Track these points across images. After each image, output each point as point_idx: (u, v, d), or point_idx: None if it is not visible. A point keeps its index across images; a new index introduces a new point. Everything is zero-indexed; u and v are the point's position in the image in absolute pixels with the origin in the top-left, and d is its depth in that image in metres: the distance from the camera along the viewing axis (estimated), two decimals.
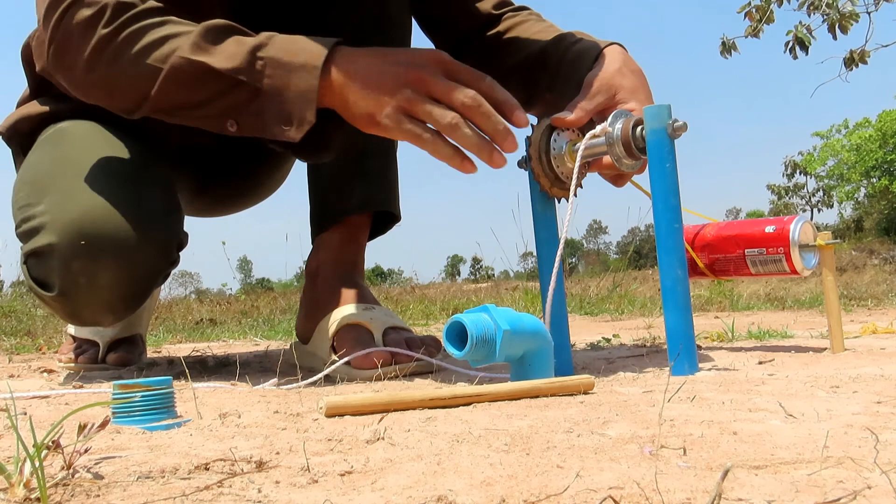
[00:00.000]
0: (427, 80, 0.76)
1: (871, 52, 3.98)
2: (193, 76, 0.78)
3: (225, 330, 2.28)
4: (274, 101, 0.78)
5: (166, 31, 0.80)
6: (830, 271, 0.91)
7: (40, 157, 1.00)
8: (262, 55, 0.78)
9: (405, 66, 0.77)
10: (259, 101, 0.78)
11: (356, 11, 1.01)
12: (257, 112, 0.79)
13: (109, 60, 0.81)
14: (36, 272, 0.89)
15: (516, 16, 1.09)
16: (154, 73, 0.79)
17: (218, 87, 0.79)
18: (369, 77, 0.77)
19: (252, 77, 0.77)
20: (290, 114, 0.78)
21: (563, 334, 0.86)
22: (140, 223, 0.87)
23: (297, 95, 0.77)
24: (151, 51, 0.79)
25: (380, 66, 0.77)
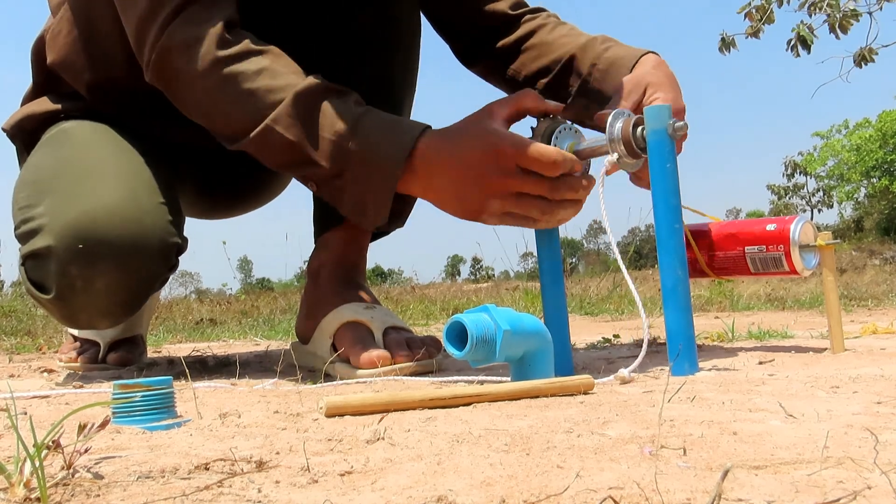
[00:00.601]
0: (510, 182, 0.79)
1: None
2: (282, 147, 0.82)
3: (225, 330, 2.28)
4: (353, 190, 0.82)
5: (264, 84, 0.82)
6: (830, 271, 0.91)
7: (42, 157, 1.00)
8: (346, 147, 0.80)
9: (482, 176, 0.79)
10: (341, 181, 0.82)
11: (365, 11, 1.01)
12: (339, 188, 0.83)
13: (207, 93, 0.84)
14: (34, 274, 0.89)
15: (536, 18, 1.08)
16: (248, 125, 0.83)
17: (304, 160, 0.83)
18: (455, 192, 0.81)
19: (335, 166, 0.81)
20: (364, 208, 0.83)
21: (564, 334, 0.86)
22: (139, 228, 0.87)
23: (373, 197, 0.82)
24: (246, 102, 0.82)
25: (461, 179, 0.80)
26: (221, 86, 0.83)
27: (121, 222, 0.86)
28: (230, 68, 0.82)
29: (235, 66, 0.82)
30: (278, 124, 0.81)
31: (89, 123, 1.03)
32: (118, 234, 0.85)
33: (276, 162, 0.86)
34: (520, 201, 0.80)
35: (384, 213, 0.82)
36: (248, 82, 0.82)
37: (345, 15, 1.02)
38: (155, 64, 0.86)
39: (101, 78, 1.02)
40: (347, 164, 0.81)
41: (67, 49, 1.02)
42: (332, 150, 0.80)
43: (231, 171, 1.21)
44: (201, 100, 0.86)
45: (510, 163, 0.78)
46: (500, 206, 0.80)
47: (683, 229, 0.81)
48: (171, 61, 0.85)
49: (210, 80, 0.83)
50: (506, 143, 0.78)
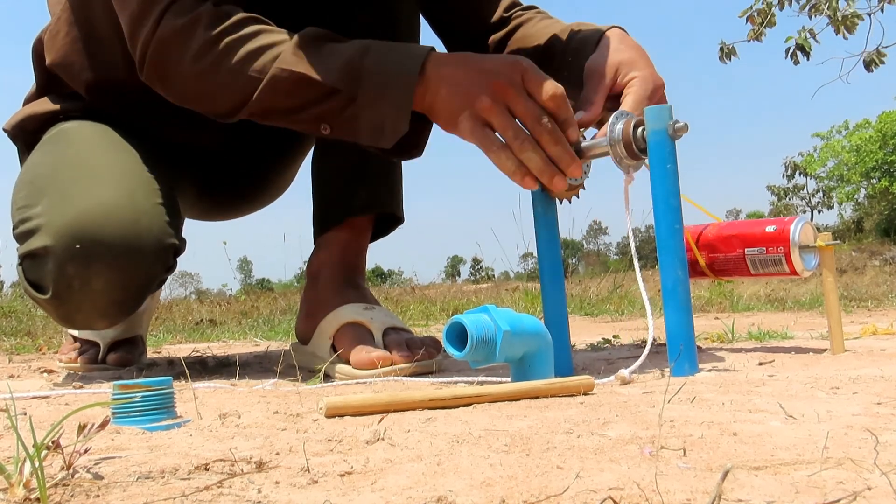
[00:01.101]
0: (507, 90, 0.78)
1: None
2: (292, 85, 0.82)
3: (225, 330, 2.28)
4: (369, 110, 0.81)
5: (264, 41, 0.83)
6: (830, 272, 0.91)
7: (41, 157, 1.00)
8: (359, 65, 0.80)
9: (487, 73, 0.79)
10: (354, 108, 0.81)
11: (366, 11, 1.01)
12: (352, 118, 0.82)
13: (208, 69, 0.84)
14: (31, 274, 0.89)
15: (523, 15, 1.10)
16: (254, 82, 0.83)
17: (315, 95, 0.81)
18: (456, 83, 0.80)
19: (348, 87, 0.80)
20: (383, 123, 0.81)
21: (564, 335, 0.86)
22: (137, 228, 0.87)
23: (391, 107, 0.80)
24: (251, 61, 0.82)
25: (465, 72, 0.80)
26: (222, 57, 0.83)
27: (118, 223, 0.86)
28: (227, 39, 0.83)
29: (232, 36, 0.83)
30: (286, 63, 0.81)
31: (89, 124, 1.03)
32: (115, 234, 0.85)
33: (287, 106, 0.84)
34: (503, 115, 0.79)
35: (404, 123, 0.80)
36: (249, 43, 0.83)
37: (345, 15, 1.02)
38: (150, 59, 0.87)
39: (100, 78, 1.03)
40: (361, 82, 0.80)
41: (66, 50, 1.03)
42: (345, 72, 0.80)
43: (232, 173, 1.21)
44: (201, 80, 0.85)
45: (518, 74, 0.79)
46: (487, 106, 0.78)
47: (683, 230, 0.81)
48: (168, 53, 0.85)
49: (210, 56, 0.83)
50: (523, 59, 0.80)
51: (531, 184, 0.80)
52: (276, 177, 1.27)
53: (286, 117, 0.86)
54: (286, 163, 1.26)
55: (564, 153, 0.79)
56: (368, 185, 1.06)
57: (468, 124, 0.80)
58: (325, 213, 1.09)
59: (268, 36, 0.83)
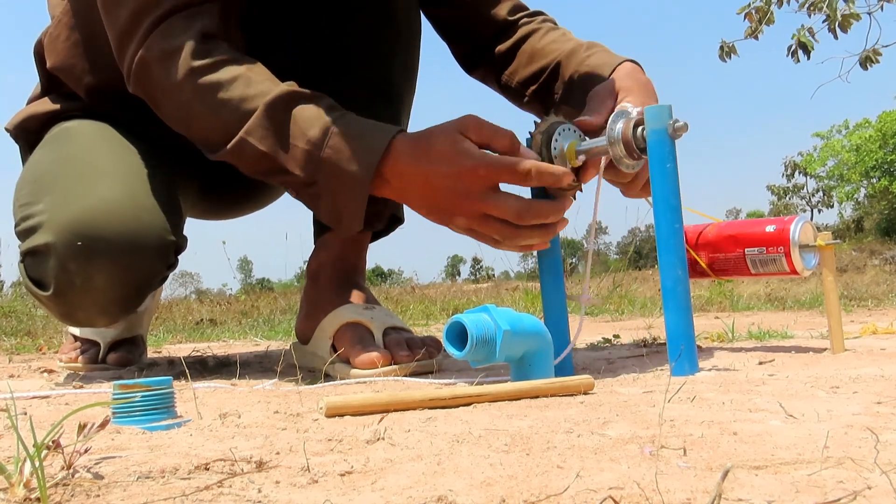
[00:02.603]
0: (475, 205, 0.79)
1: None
2: (257, 157, 0.83)
3: (225, 330, 2.28)
4: (326, 198, 0.82)
5: (238, 93, 0.83)
6: (830, 272, 0.91)
7: (43, 155, 1.00)
8: (318, 156, 0.80)
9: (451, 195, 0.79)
10: (316, 189, 0.82)
11: (364, 12, 1.01)
12: (315, 195, 0.83)
13: (185, 104, 0.85)
14: (32, 271, 0.89)
15: (531, 22, 1.08)
16: (224, 136, 0.83)
17: (278, 170, 0.83)
18: (423, 201, 0.81)
19: (308, 175, 0.81)
20: (339, 216, 0.83)
21: (564, 335, 0.86)
22: (138, 225, 0.87)
23: (346, 207, 0.81)
24: (222, 110, 0.83)
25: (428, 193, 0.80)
26: (197, 96, 0.83)
27: (119, 220, 0.86)
28: (204, 78, 0.83)
29: (210, 77, 0.83)
30: (251, 136, 0.82)
31: (91, 122, 1.03)
32: (116, 231, 0.86)
33: (254, 171, 0.86)
34: (484, 222, 0.79)
35: (358, 220, 0.82)
36: (221, 91, 0.83)
37: (344, 16, 1.02)
38: (135, 75, 0.87)
39: (100, 81, 1.03)
40: (319, 173, 0.81)
41: (66, 53, 1.03)
42: (304, 159, 0.80)
43: (233, 172, 1.20)
44: (180, 110, 0.86)
45: (480, 186, 0.78)
46: (465, 223, 0.80)
47: (683, 230, 0.81)
48: (150, 73, 0.85)
49: (186, 91, 0.83)
50: (478, 166, 0.77)
51: (543, 246, 0.84)
52: None
53: (256, 176, 0.87)
54: None
55: (555, 214, 0.80)
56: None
57: (458, 231, 0.82)
58: None
59: (243, 87, 0.83)
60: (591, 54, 0.99)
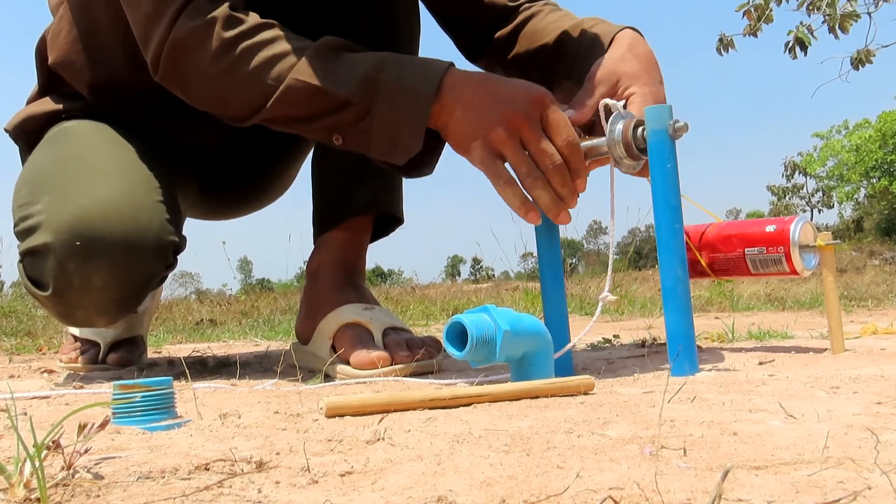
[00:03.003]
0: (522, 124, 0.78)
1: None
2: (307, 96, 0.81)
3: (225, 330, 2.28)
4: (383, 124, 0.80)
5: (280, 49, 0.82)
6: (830, 272, 0.91)
7: (42, 155, 1.00)
8: (375, 78, 0.79)
9: (506, 103, 0.78)
10: (367, 122, 0.81)
11: (364, 12, 1.01)
12: (365, 131, 0.81)
13: (223, 73, 0.83)
14: (31, 271, 0.89)
15: (532, 6, 1.08)
16: (269, 90, 0.82)
17: (329, 107, 0.81)
18: (472, 106, 0.79)
19: (364, 100, 0.80)
20: (397, 139, 0.80)
21: (564, 335, 0.86)
22: (136, 225, 0.87)
23: (406, 124, 0.79)
24: (267, 69, 0.82)
25: (483, 98, 0.79)
26: (238, 62, 0.82)
27: (118, 219, 0.86)
28: (244, 44, 0.82)
29: (248, 41, 0.82)
30: (302, 74, 0.80)
31: (90, 122, 1.03)
32: (115, 231, 0.86)
33: (301, 115, 0.83)
34: (517, 149, 0.78)
35: (418, 141, 0.79)
36: (266, 49, 0.82)
37: (344, 16, 1.02)
38: (165, 61, 0.86)
39: (101, 77, 1.03)
40: (377, 96, 0.79)
41: (68, 49, 1.03)
42: (360, 85, 0.79)
43: (233, 172, 1.21)
44: (216, 84, 0.85)
45: (537, 109, 0.78)
46: (500, 138, 0.78)
47: (683, 230, 0.81)
48: (183, 53, 0.84)
49: (225, 60, 0.83)
50: (545, 94, 0.79)
51: (535, 219, 0.81)
52: (277, 176, 1.27)
53: (299, 126, 0.85)
54: (287, 162, 1.26)
55: (571, 196, 0.80)
56: (368, 185, 1.06)
57: (479, 153, 0.79)
58: (325, 212, 1.09)
59: (284, 43, 0.83)
60: (591, 26, 0.98)
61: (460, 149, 0.81)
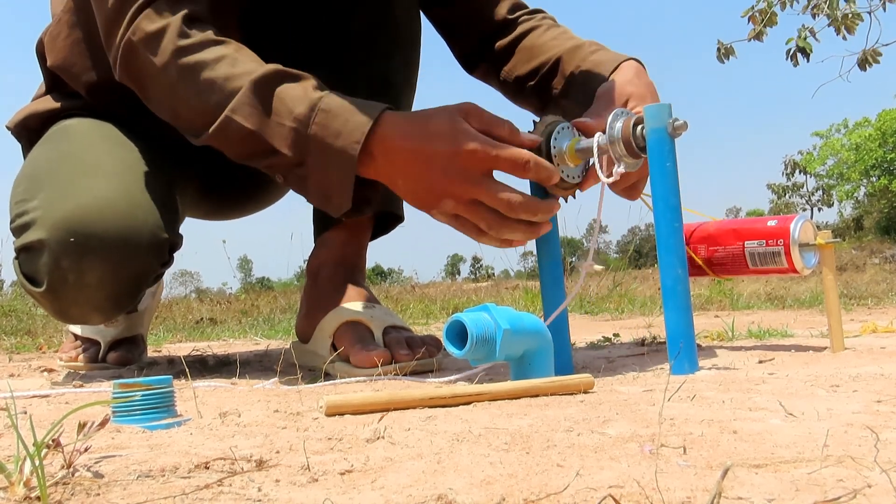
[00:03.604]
0: (469, 189, 0.77)
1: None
2: (243, 137, 0.81)
3: (225, 329, 2.28)
4: (315, 177, 0.80)
5: (222, 72, 0.81)
6: (830, 270, 0.91)
7: (40, 153, 1.00)
8: (304, 134, 0.79)
9: (442, 174, 0.77)
10: (304, 169, 0.81)
11: (362, 13, 1.01)
12: (302, 177, 0.82)
13: (172, 84, 0.83)
14: (26, 267, 0.89)
15: (531, 19, 1.08)
16: (209, 117, 0.82)
17: (265, 150, 0.81)
18: (411, 177, 0.79)
19: (296, 153, 0.79)
20: (329, 194, 0.81)
21: (564, 333, 0.86)
22: (131, 222, 0.87)
23: (335, 183, 0.80)
24: (206, 93, 0.81)
25: (418, 166, 0.78)
26: (182, 76, 0.82)
27: (112, 216, 0.86)
28: (189, 58, 0.82)
29: (194, 56, 0.82)
30: (237, 114, 0.80)
31: (91, 121, 1.03)
32: (110, 227, 0.86)
33: (239, 153, 0.84)
34: (472, 208, 0.78)
35: (347, 199, 0.80)
36: (206, 71, 0.81)
37: (343, 16, 1.02)
38: (122, 60, 0.86)
39: (100, 80, 1.03)
40: (307, 150, 0.79)
41: (66, 52, 1.03)
42: (292, 138, 0.79)
43: (234, 173, 1.20)
44: (165, 93, 0.85)
45: (476, 168, 0.76)
46: (452, 207, 0.78)
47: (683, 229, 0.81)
48: (137, 56, 0.84)
49: (171, 72, 0.82)
50: (478, 148, 0.76)
51: (520, 244, 0.82)
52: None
53: (242, 160, 0.85)
54: None
55: (545, 213, 0.79)
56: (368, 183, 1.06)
57: (441, 218, 0.81)
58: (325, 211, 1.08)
59: (228, 66, 0.81)
60: (593, 51, 0.99)
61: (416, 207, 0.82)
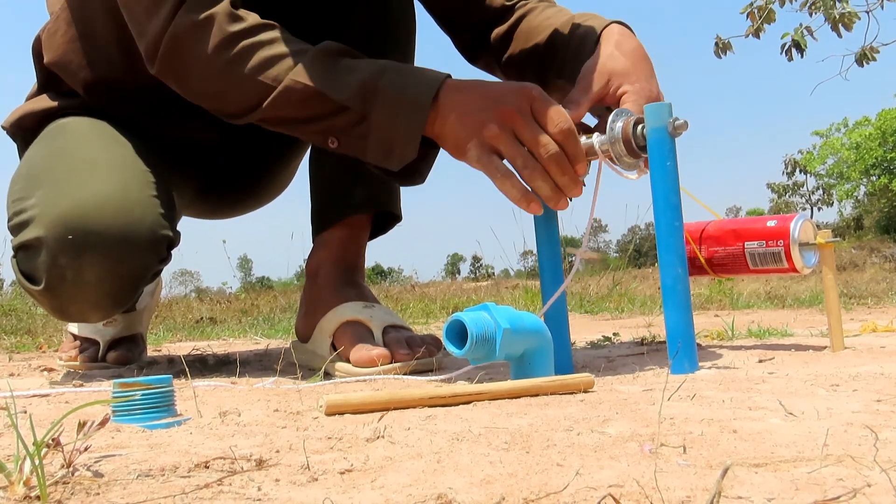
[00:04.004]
0: (514, 118, 0.79)
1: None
2: (304, 98, 0.82)
3: (225, 328, 2.28)
4: (379, 130, 0.81)
5: (280, 50, 0.83)
6: (830, 270, 0.91)
7: (37, 151, 1.00)
8: (374, 85, 0.80)
9: (496, 102, 0.79)
10: (364, 127, 0.81)
11: (362, 11, 1.01)
12: (361, 136, 0.82)
13: (223, 69, 0.84)
14: (24, 265, 0.89)
15: (528, 3, 1.08)
16: (267, 89, 0.82)
17: (326, 110, 0.82)
18: (465, 111, 0.80)
19: (361, 106, 0.80)
20: (392, 146, 0.81)
21: (563, 333, 0.86)
22: (129, 219, 0.87)
23: (403, 131, 0.80)
24: (266, 68, 0.82)
25: (475, 101, 0.80)
26: (237, 58, 0.83)
27: (110, 213, 0.86)
28: (245, 42, 0.83)
29: (249, 39, 0.83)
30: (300, 76, 0.81)
31: (87, 119, 1.03)
32: (107, 225, 0.85)
33: (297, 117, 0.84)
34: (511, 142, 0.79)
35: (412, 151, 0.80)
36: (265, 49, 0.83)
37: (340, 16, 1.01)
38: (164, 54, 0.86)
39: (98, 77, 1.03)
40: (374, 103, 0.80)
41: (64, 49, 1.03)
42: (358, 91, 0.80)
43: (231, 171, 1.21)
44: (215, 79, 0.86)
45: (527, 102, 0.79)
46: (495, 134, 0.79)
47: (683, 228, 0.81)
48: (182, 46, 0.85)
49: (224, 56, 0.83)
50: (533, 87, 0.80)
51: (536, 209, 0.81)
52: (274, 175, 1.27)
53: (295, 127, 0.86)
54: (285, 161, 1.26)
55: (571, 183, 0.80)
56: (367, 183, 1.05)
57: (475, 152, 0.80)
58: (324, 211, 1.08)
59: (284, 45, 0.84)
60: (582, 21, 0.98)
61: (457, 152, 0.82)
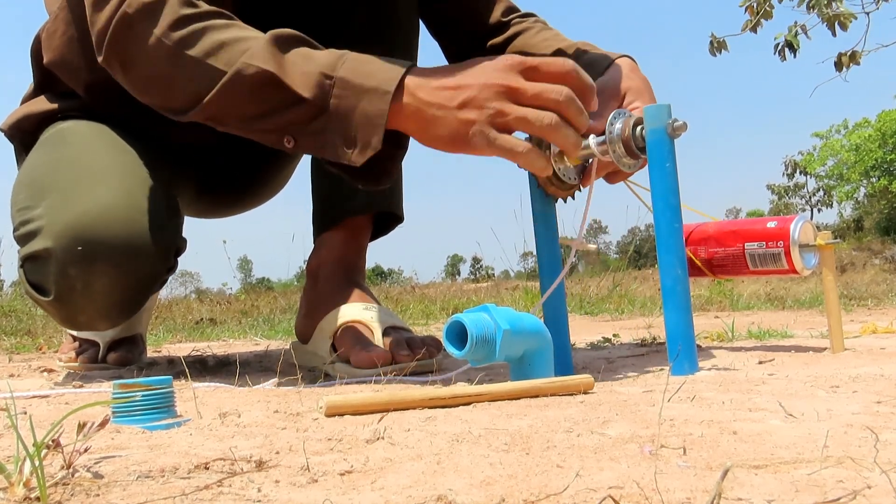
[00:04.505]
0: (513, 87, 0.72)
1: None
2: (257, 85, 0.75)
3: (225, 329, 2.28)
4: (339, 122, 0.74)
5: (234, 34, 0.77)
6: (830, 271, 0.91)
7: (39, 158, 1.00)
8: (332, 74, 0.74)
9: (484, 80, 0.73)
10: (322, 120, 0.75)
11: (362, 11, 1.01)
12: (319, 131, 0.75)
13: (171, 53, 0.78)
14: (33, 276, 0.89)
15: (523, 22, 1.09)
16: (216, 75, 0.76)
17: (281, 101, 0.75)
18: (447, 96, 0.73)
19: (320, 97, 0.74)
20: (354, 137, 0.74)
21: (563, 334, 0.86)
22: (137, 228, 0.87)
23: (365, 119, 0.73)
24: (217, 51, 0.76)
25: (457, 84, 0.73)
26: (189, 40, 0.77)
27: (119, 223, 0.86)
28: (198, 24, 0.77)
29: (203, 22, 0.78)
30: (255, 59, 0.74)
31: (86, 123, 1.03)
32: (116, 235, 0.85)
33: (246, 112, 0.77)
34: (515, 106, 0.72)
35: (376, 140, 0.73)
36: (218, 33, 0.77)
37: (342, 16, 1.02)
38: (112, 35, 0.81)
39: (97, 77, 1.02)
40: (333, 92, 0.73)
41: (63, 49, 1.02)
42: (316, 81, 0.74)
43: (229, 171, 1.21)
44: (163, 63, 0.79)
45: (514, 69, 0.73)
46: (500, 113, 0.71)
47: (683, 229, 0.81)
48: (131, 29, 0.79)
49: (174, 36, 0.77)
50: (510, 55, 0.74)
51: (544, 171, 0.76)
52: (273, 174, 1.27)
53: (245, 124, 0.79)
54: (283, 160, 1.26)
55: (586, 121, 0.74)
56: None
57: (482, 138, 0.72)
58: (325, 212, 1.09)
59: (238, 31, 0.78)
60: (586, 50, 0.99)
61: (454, 145, 0.75)
